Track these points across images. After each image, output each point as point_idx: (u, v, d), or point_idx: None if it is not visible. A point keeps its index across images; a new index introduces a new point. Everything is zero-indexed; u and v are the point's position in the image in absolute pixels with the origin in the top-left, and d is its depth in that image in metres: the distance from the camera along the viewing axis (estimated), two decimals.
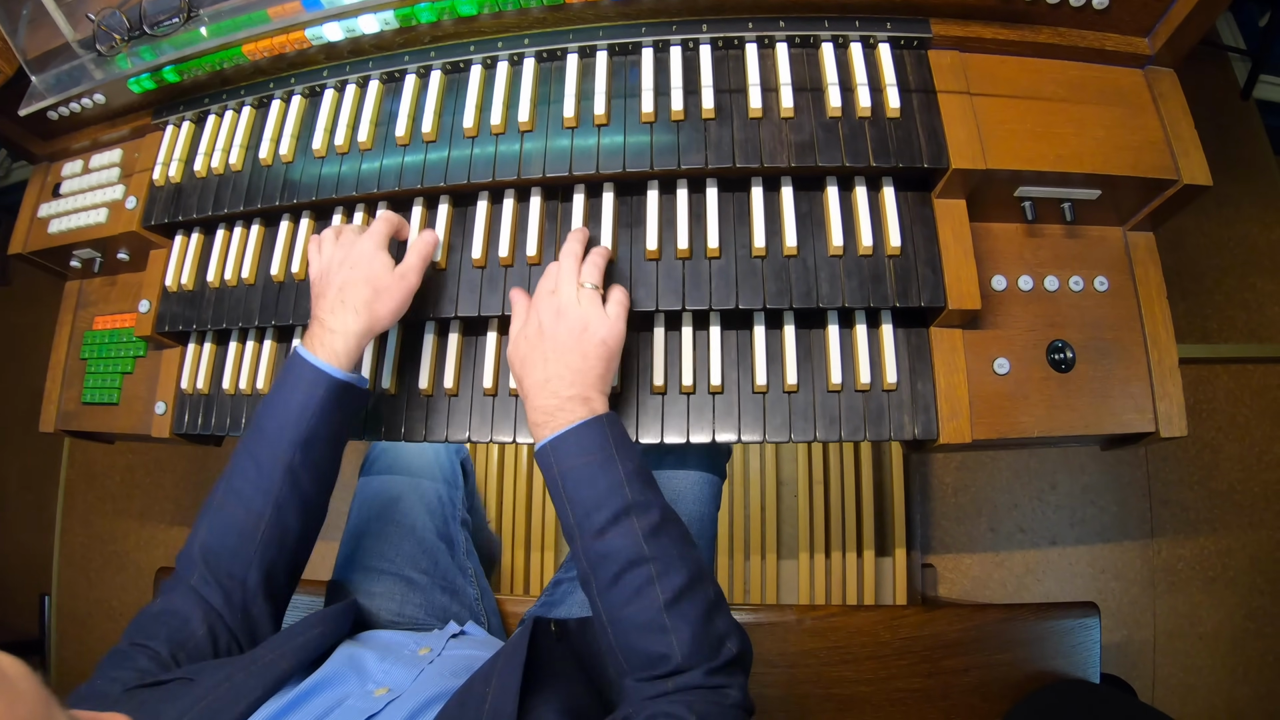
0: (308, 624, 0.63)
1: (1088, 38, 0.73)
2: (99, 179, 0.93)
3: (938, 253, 0.72)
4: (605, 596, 0.59)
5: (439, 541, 0.92)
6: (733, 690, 0.56)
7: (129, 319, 0.94)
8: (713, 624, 0.57)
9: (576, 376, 0.64)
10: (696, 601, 0.57)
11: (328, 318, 0.68)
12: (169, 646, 0.58)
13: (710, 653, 0.56)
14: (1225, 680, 1.55)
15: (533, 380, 0.65)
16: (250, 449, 0.66)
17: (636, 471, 0.61)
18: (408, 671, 0.62)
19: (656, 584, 0.57)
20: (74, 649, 1.91)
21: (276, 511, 0.65)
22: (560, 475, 0.61)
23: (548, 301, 0.67)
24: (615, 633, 0.58)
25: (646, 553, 0.58)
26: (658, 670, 0.56)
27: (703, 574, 0.60)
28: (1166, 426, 0.73)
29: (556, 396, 0.63)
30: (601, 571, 0.59)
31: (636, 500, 0.59)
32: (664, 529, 0.59)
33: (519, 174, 0.74)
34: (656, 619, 0.56)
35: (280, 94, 0.84)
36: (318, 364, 0.67)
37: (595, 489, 0.60)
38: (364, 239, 0.71)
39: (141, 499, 1.98)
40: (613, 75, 0.75)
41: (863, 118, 0.71)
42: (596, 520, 0.59)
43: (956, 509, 1.69)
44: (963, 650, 0.92)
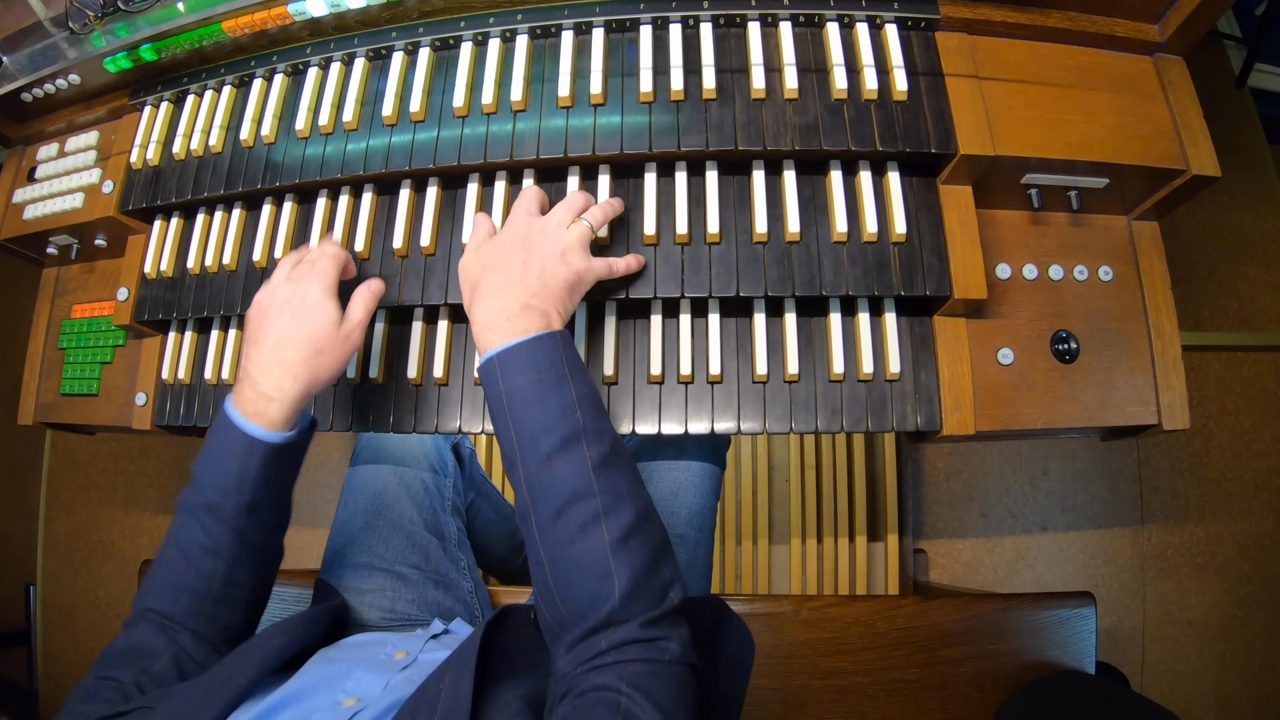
0: (267, 635, 0.60)
1: (1097, 23, 0.71)
2: (75, 162, 0.89)
3: (943, 240, 0.70)
4: (546, 532, 0.54)
5: (428, 534, 0.90)
6: (670, 642, 0.51)
7: (108, 307, 0.91)
8: (658, 570, 0.53)
9: (543, 288, 0.60)
10: (644, 543, 0.53)
11: (262, 378, 0.61)
12: (133, 674, 0.56)
13: (652, 600, 0.52)
14: (1213, 666, 1.58)
15: (494, 283, 0.60)
16: (192, 510, 0.62)
17: (590, 396, 0.57)
18: (378, 679, 0.58)
19: (603, 521, 0.52)
20: (61, 639, 1.88)
21: (229, 571, 0.61)
22: (507, 392, 0.56)
23: (529, 219, 0.64)
24: (553, 572, 0.53)
25: (594, 486, 0.53)
26: (591, 620, 0.51)
27: (652, 514, 0.56)
28: (1169, 419, 0.72)
29: (516, 301, 0.59)
30: (544, 504, 0.54)
31: (588, 426, 0.55)
32: (614, 461, 0.55)
33: (512, 155, 0.71)
34: (600, 559, 0.51)
35: (262, 73, 0.81)
36: (250, 430, 0.60)
37: (545, 409, 0.55)
38: (312, 285, 0.64)
39: (126, 487, 1.95)
40: (610, 53, 0.72)
41: (869, 100, 0.68)
42: (543, 445, 0.54)
43: (948, 494, 1.69)
44: (959, 640, 0.92)
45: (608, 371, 0.73)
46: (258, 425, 0.61)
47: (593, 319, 0.75)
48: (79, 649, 1.86)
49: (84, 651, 1.86)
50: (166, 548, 0.63)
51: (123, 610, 1.85)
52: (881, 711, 0.91)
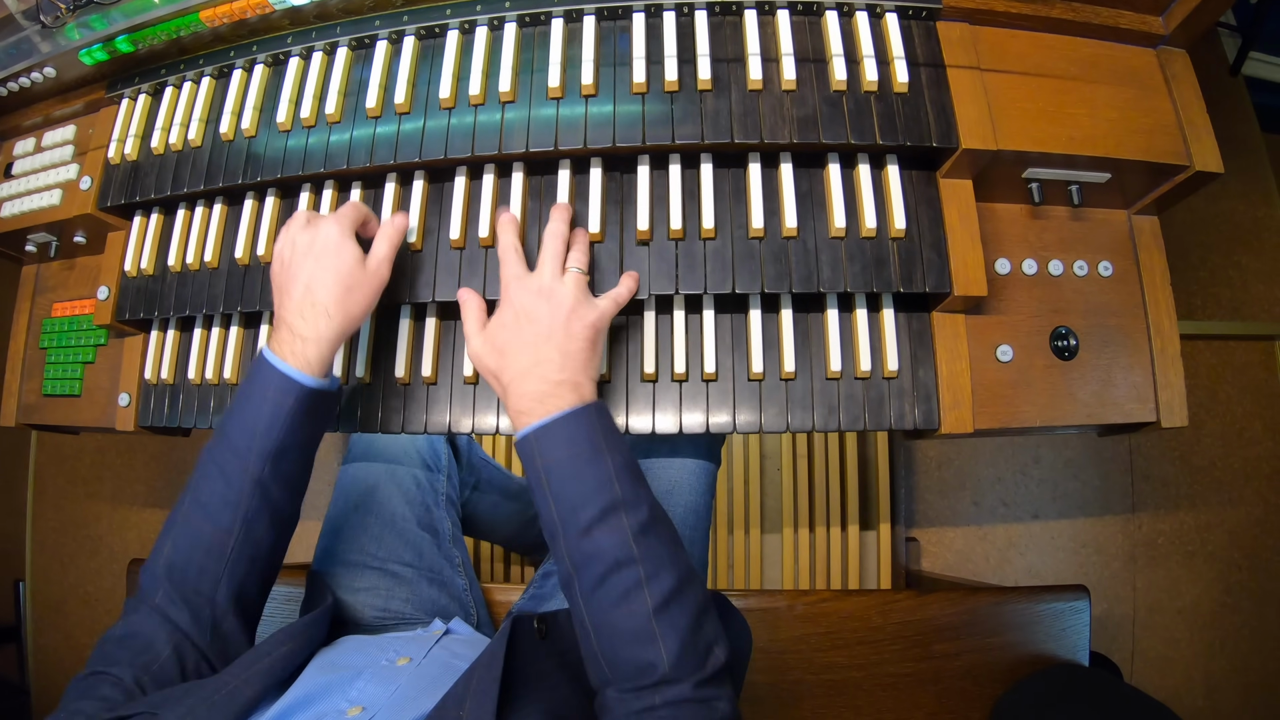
0: (276, 641, 0.59)
1: (1101, 14, 0.69)
2: (52, 158, 0.87)
3: (943, 235, 0.69)
4: (589, 600, 0.55)
5: (421, 532, 0.89)
6: (721, 703, 0.53)
7: (88, 305, 0.89)
8: (701, 631, 0.55)
9: (566, 360, 0.60)
10: (686, 607, 0.54)
11: (297, 322, 0.62)
12: (133, 671, 0.54)
13: (698, 662, 0.53)
14: (1203, 653, 1.60)
15: (517, 367, 0.61)
16: (216, 460, 0.61)
17: (626, 465, 0.58)
18: (384, 687, 0.58)
19: (645, 588, 0.53)
20: (52, 636, 1.87)
21: (246, 526, 0.61)
22: (544, 468, 0.57)
23: (524, 284, 0.63)
24: (599, 639, 0.55)
25: (635, 554, 0.54)
26: (643, 681, 0.53)
27: (692, 577, 0.57)
28: (1168, 416, 0.72)
29: (546, 381, 0.59)
30: (586, 573, 0.55)
31: (626, 497, 0.56)
32: (653, 528, 0.56)
33: (500, 148, 0.69)
34: (644, 625, 0.53)
35: (242, 63, 0.78)
36: (287, 371, 0.61)
37: (582, 483, 0.56)
38: (328, 225, 0.65)
39: (113, 481, 1.92)
40: (601, 41, 0.70)
41: (869, 92, 0.67)
42: (583, 517, 0.55)
43: (940, 483, 1.70)
44: (954, 634, 0.92)
45: (601, 369, 0.72)
46: (295, 366, 0.61)
47: None
48: (70, 645, 1.85)
49: (75, 647, 1.85)
50: (182, 504, 0.62)
51: (113, 605, 1.84)
52: (876, 706, 0.92)
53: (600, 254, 0.70)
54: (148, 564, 0.61)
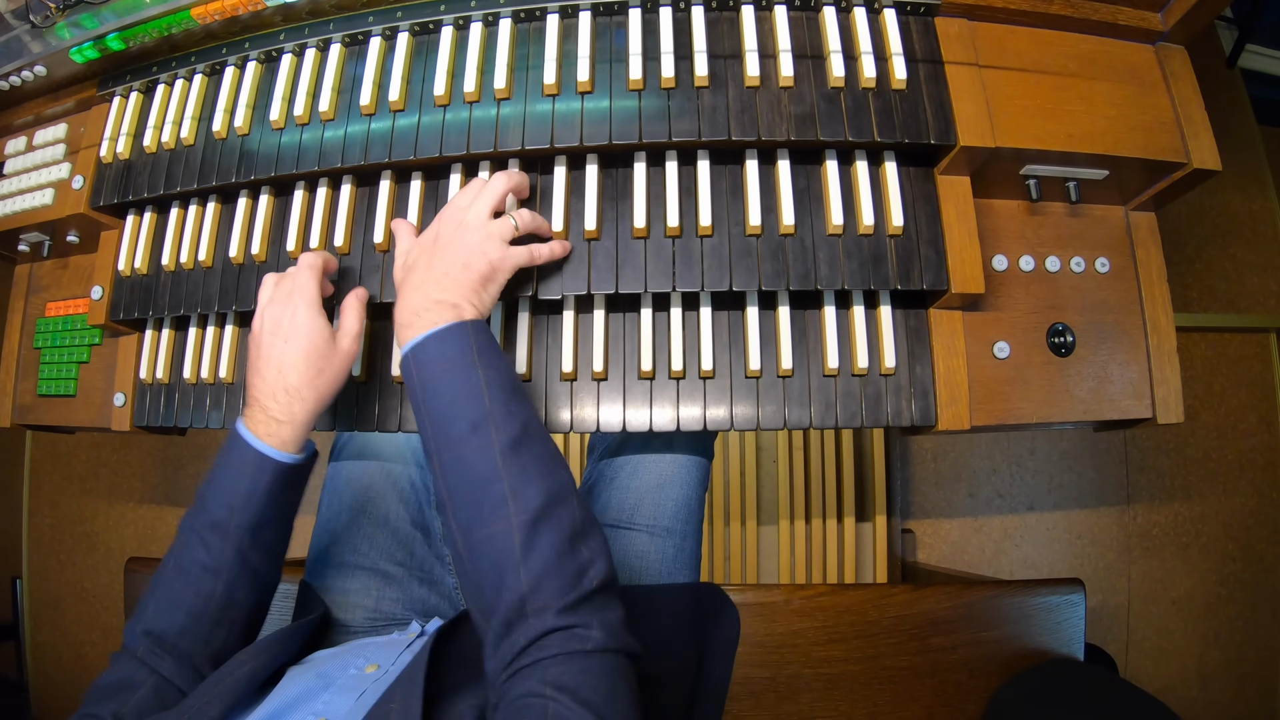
0: (238, 662, 0.59)
1: (1100, 10, 0.69)
2: (44, 157, 0.86)
3: (940, 233, 0.69)
4: (458, 517, 0.53)
5: (414, 530, 0.89)
6: (591, 629, 0.48)
7: (82, 305, 0.88)
8: (574, 552, 0.51)
9: (451, 283, 0.61)
10: (556, 525, 0.51)
11: (270, 405, 0.63)
12: (112, 707, 0.56)
13: (566, 585, 0.49)
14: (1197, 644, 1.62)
15: (410, 281, 0.62)
16: (196, 530, 0.62)
17: (500, 381, 0.57)
18: (348, 696, 0.57)
19: (510, 504, 0.51)
20: (49, 633, 1.87)
21: (227, 591, 0.62)
22: (420, 384, 0.57)
23: (454, 214, 0.64)
24: (469, 562, 0.52)
25: (500, 469, 0.52)
26: (504, 610, 0.49)
27: (565, 494, 0.54)
28: (1164, 413, 0.72)
29: (428, 298, 0.60)
30: (456, 490, 0.54)
31: (495, 410, 0.54)
32: (525, 444, 0.54)
33: (496, 146, 0.69)
34: (507, 545, 0.50)
35: (234, 60, 0.77)
36: (263, 449, 0.61)
37: (454, 398, 0.55)
38: (296, 303, 0.65)
39: (109, 478, 1.92)
40: (597, 37, 0.70)
41: (866, 88, 0.66)
42: (452, 432, 0.55)
43: (936, 474, 1.71)
44: (950, 628, 0.93)
45: (597, 368, 0.72)
46: (270, 445, 0.62)
47: (581, 313, 0.74)
48: (68, 642, 1.85)
49: (73, 644, 1.85)
50: (165, 568, 0.63)
51: (110, 602, 1.84)
52: (873, 699, 0.93)
53: (596, 251, 0.70)
54: (131, 623, 0.62)
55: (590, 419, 0.72)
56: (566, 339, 0.72)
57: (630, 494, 0.85)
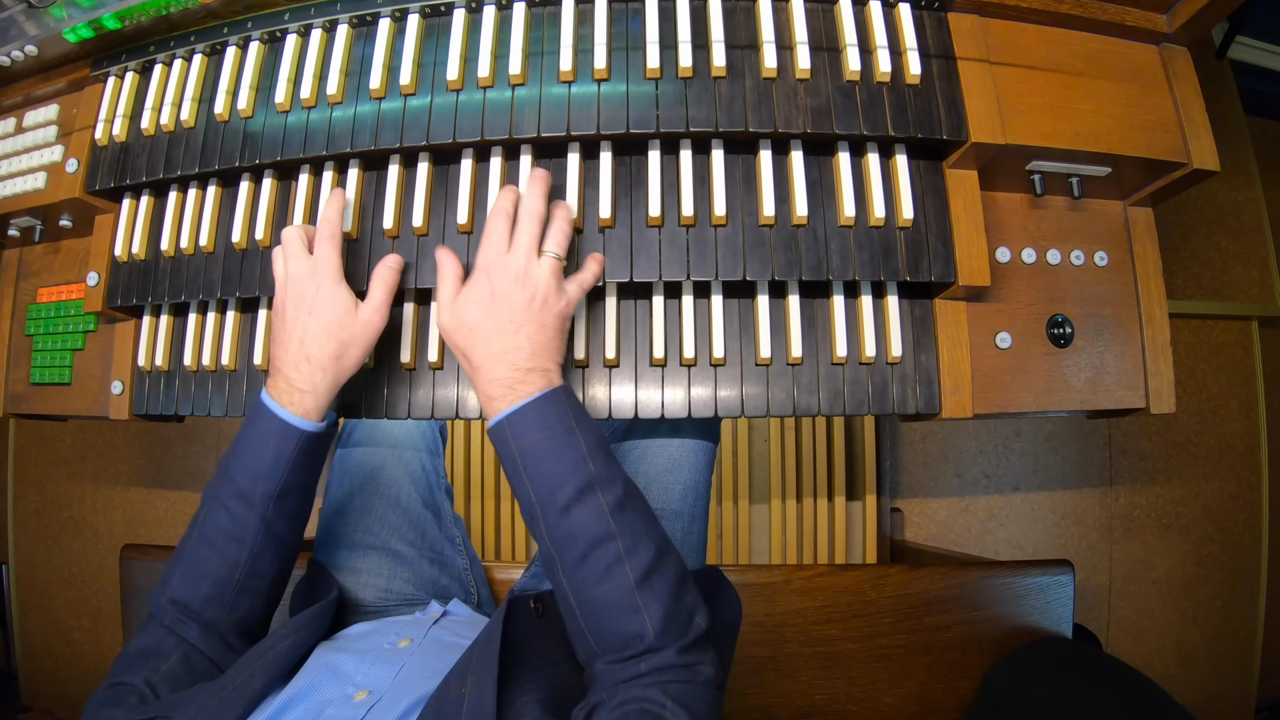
0: (280, 635, 0.61)
1: (1108, 10, 0.70)
2: (35, 139, 0.83)
3: (949, 226, 0.70)
4: (572, 577, 0.56)
5: (425, 511, 0.90)
6: (705, 666, 0.55)
7: (76, 290, 0.86)
8: (682, 599, 0.56)
9: (537, 348, 0.61)
10: (666, 577, 0.56)
11: (294, 375, 0.63)
12: (144, 675, 0.57)
13: (681, 629, 0.55)
14: (1176, 623, 1.68)
15: (487, 351, 0.61)
16: (221, 499, 0.63)
17: (598, 444, 0.59)
18: (387, 669, 0.60)
19: (625, 562, 0.55)
20: (37, 618, 1.85)
21: (252, 560, 0.63)
22: (519, 452, 0.58)
23: (502, 263, 0.63)
24: (584, 615, 0.56)
25: (613, 529, 0.55)
26: (630, 651, 0.54)
27: (669, 547, 0.58)
28: (1157, 403, 0.74)
29: (516, 369, 0.60)
30: (567, 551, 0.56)
31: (600, 474, 0.57)
32: (628, 503, 0.58)
33: (511, 131, 0.68)
34: (627, 598, 0.54)
35: (236, 40, 0.75)
36: (288, 418, 0.63)
37: (558, 464, 0.57)
38: (321, 275, 0.65)
39: (95, 461, 1.89)
40: (613, 23, 0.69)
41: (881, 83, 0.67)
42: (560, 498, 0.56)
43: (924, 455, 1.74)
44: (944, 608, 0.96)
45: (609, 354, 0.72)
46: (294, 414, 0.63)
47: (593, 300, 0.74)
48: (56, 628, 1.83)
49: (61, 630, 1.83)
50: (189, 538, 0.64)
51: (98, 587, 1.83)
52: (870, 677, 0.96)
53: (611, 240, 0.70)
54: (156, 592, 0.64)
55: (602, 405, 0.72)
56: (579, 326, 0.73)
57: (639, 477, 0.86)
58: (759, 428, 1.62)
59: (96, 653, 1.80)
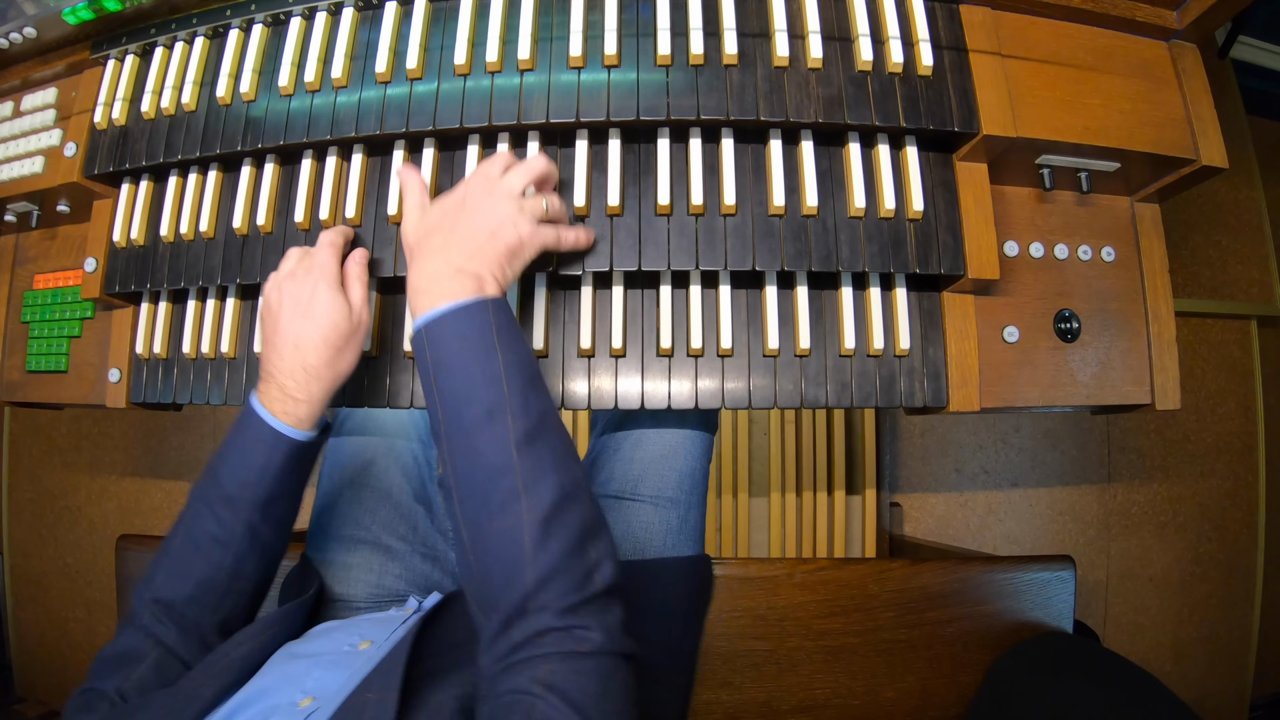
0: (235, 642, 0.59)
1: (1119, 5, 0.70)
2: (33, 123, 0.82)
3: (958, 219, 0.69)
4: (465, 506, 0.51)
5: (416, 505, 0.88)
6: (591, 631, 0.47)
7: (73, 277, 0.85)
8: (583, 552, 0.49)
9: (478, 250, 0.58)
10: (567, 524, 0.50)
11: (288, 383, 0.62)
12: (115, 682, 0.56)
13: (571, 586, 0.48)
14: (1171, 620, 1.69)
15: (430, 244, 0.59)
16: (208, 502, 0.62)
17: (520, 366, 0.54)
18: (338, 674, 0.56)
19: (523, 500, 0.49)
20: (32, 610, 1.84)
21: (237, 563, 0.62)
22: (433, 362, 0.54)
23: (485, 181, 0.61)
24: (473, 553, 0.51)
25: (515, 462, 0.50)
26: (505, 607, 0.48)
27: (578, 493, 0.52)
28: (1162, 399, 0.75)
29: (449, 264, 0.57)
30: (464, 478, 0.52)
31: (514, 398, 0.52)
32: (541, 436, 0.52)
33: (519, 117, 0.67)
34: (516, 541, 0.48)
35: (239, 23, 0.74)
36: (279, 427, 0.61)
37: (469, 381, 0.53)
38: (316, 280, 0.63)
39: (90, 450, 1.87)
40: (623, 9, 0.68)
41: (893, 74, 0.66)
42: (466, 417, 0.52)
43: (923, 449, 1.74)
44: (945, 602, 0.96)
45: (615, 344, 0.72)
46: (286, 424, 0.61)
47: (600, 289, 0.73)
48: (51, 619, 1.82)
49: (56, 621, 1.82)
50: (175, 536, 0.63)
51: (93, 577, 1.82)
52: (871, 671, 0.96)
53: (619, 228, 0.69)
54: (140, 589, 0.62)
55: (608, 395, 0.72)
56: (585, 315, 0.72)
57: (635, 465, 0.85)
58: (759, 421, 1.61)
59: (91, 644, 1.78)
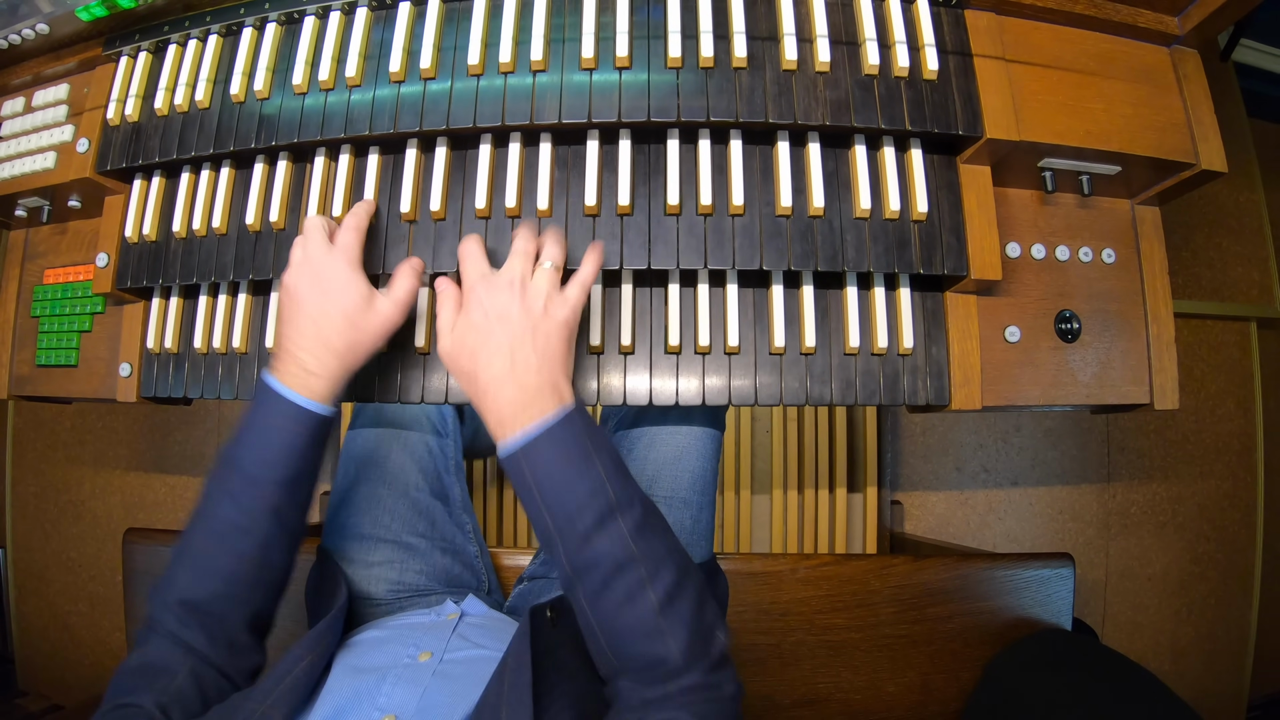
0: (295, 657, 0.58)
1: (1121, 11, 0.71)
2: (44, 118, 0.82)
3: (962, 220, 0.70)
4: (595, 603, 0.56)
5: (434, 500, 0.89)
6: (728, 685, 0.55)
7: (83, 271, 0.86)
8: (704, 619, 0.56)
9: (543, 362, 0.59)
10: (688, 598, 0.56)
11: (306, 358, 0.62)
12: (154, 697, 0.54)
13: (704, 648, 0.55)
14: (1170, 620, 1.70)
15: (492, 373, 0.59)
16: (228, 490, 0.61)
17: (614, 465, 0.57)
18: (411, 690, 0.58)
19: (649, 587, 0.54)
20: (34, 603, 1.84)
21: (263, 551, 0.61)
22: (535, 482, 0.56)
23: (491, 283, 0.61)
24: (608, 639, 0.56)
25: (635, 554, 0.54)
26: (655, 672, 0.54)
27: (688, 564, 0.58)
28: (1161, 399, 0.76)
29: (524, 389, 0.57)
30: (588, 578, 0.55)
31: (619, 498, 0.56)
32: (648, 524, 0.57)
33: (532, 118, 0.68)
34: (651, 622, 0.54)
35: (252, 21, 0.75)
36: (300, 402, 0.61)
37: (576, 492, 0.55)
38: (339, 258, 0.64)
39: (94, 444, 1.88)
40: (635, 11, 0.69)
41: (899, 78, 0.67)
42: (579, 526, 0.55)
43: (924, 448, 1.75)
44: (946, 599, 0.97)
45: (624, 341, 0.73)
46: (306, 397, 0.61)
47: (609, 287, 0.74)
48: (54, 612, 1.83)
49: (59, 615, 1.82)
50: (193, 534, 0.62)
51: (96, 572, 1.82)
52: (873, 666, 0.97)
53: (629, 227, 0.70)
54: (157, 594, 0.60)
55: (617, 392, 0.73)
56: (594, 313, 0.73)
57: (649, 465, 0.86)
58: (761, 419, 1.62)
59: (94, 638, 1.79)
